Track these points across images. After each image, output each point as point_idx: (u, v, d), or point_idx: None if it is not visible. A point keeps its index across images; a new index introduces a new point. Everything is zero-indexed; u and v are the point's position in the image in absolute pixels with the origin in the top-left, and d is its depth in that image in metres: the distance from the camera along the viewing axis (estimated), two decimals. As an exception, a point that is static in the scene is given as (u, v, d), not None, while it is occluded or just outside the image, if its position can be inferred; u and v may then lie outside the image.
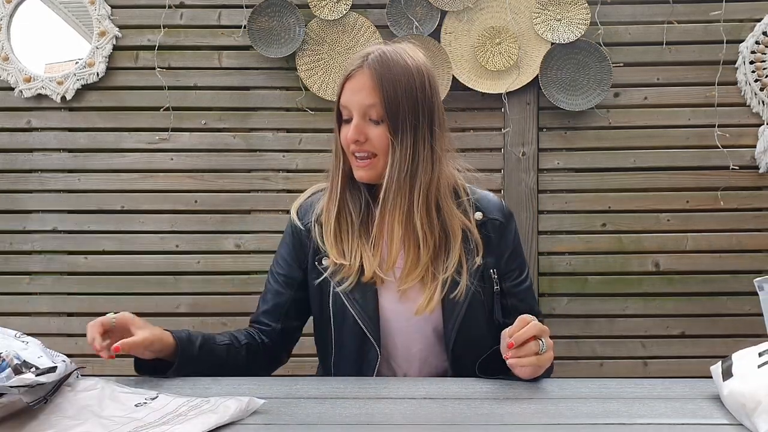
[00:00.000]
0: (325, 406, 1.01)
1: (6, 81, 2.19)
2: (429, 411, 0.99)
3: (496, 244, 1.31)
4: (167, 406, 0.96)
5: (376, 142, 1.24)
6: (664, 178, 2.18)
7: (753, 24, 2.14)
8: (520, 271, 1.34)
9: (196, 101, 2.21)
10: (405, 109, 1.23)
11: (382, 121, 1.23)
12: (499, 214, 1.33)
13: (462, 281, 1.24)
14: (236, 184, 2.21)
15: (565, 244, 2.18)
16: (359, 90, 1.24)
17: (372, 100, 1.23)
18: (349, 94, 1.25)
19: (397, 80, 1.23)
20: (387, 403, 1.02)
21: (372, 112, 1.24)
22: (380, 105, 1.22)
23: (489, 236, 1.31)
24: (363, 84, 1.23)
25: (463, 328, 1.25)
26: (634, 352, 2.18)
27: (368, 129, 1.24)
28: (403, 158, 1.23)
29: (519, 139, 2.18)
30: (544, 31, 2.13)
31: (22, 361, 0.93)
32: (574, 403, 1.01)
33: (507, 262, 1.32)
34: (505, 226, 1.33)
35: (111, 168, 2.22)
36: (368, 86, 1.23)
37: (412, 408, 0.99)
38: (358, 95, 1.23)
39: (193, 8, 2.20)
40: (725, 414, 0.97)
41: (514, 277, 1.32)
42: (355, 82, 1.24)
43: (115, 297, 2.21)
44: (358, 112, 1.24)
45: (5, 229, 2.22)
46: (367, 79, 1.23)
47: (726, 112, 2.16)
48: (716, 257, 2.17)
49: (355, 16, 2.15)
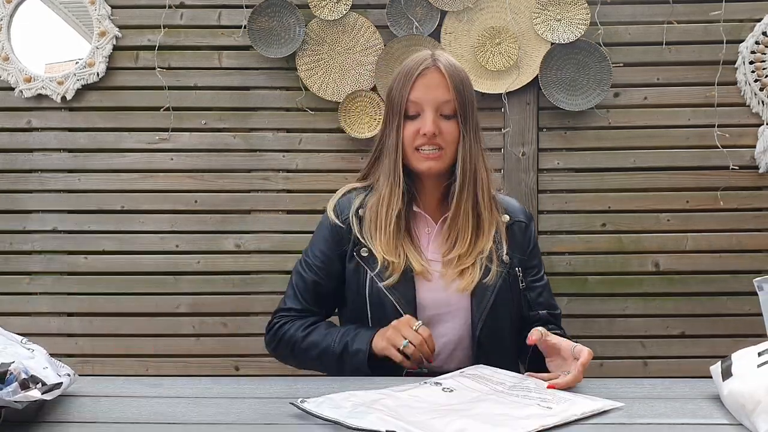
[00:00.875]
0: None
1: (6, 81, 2.19)
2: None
3: (519, 244, 1.43)
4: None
5: (447, 135, 1.35)
6: (664, 178, 2.18)
7: (753, 24, 2.14)
8: (539, 269, 1.46)
9: (196, 101, 2.21)
10: (470, 106, 1.37)
11: (453, 116, 1.35)
12: (522, 216, 1.47)
13: (493, 268, 1.35)
14: (236, 184, 2.22)
15: (565, 244, 2.18)
16: (435, 87, 1.35)
17: (448, 96, 1.35)
18: (424, 90, 1.35)
19: (464, 79, 1.38)
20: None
21: (445, 107, 1.35)
22: (454, 101, 1.34)
23: (515, 237, 1.43)
24: (438, 81, 1.35)
25: (490, 316, 1.33)
26: (634, 352, 2.18)
27: (440, 123, 1.35)
28: (471, 150, 1.36)
29: (519, 139, 2.18)
30: (544, 31, 2.13)
31: (30, 376, 0.92)
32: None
33: (529, 258, 1.44)
34: (528, 227, 1.47)
35: (111, 168, 2.22)
36: (443, 84, 1.35)
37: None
38: (435, 91, 1.34)
39: (193, 8, 2.20)
40: (725, 414, 0.97)
41: (534, 274, 1.44)
42: (429, 80, 1.35)
43: (115, 297, 2.21)
44: (432, 107, 1.34)
45: (5, 229, 2.22)
46: (441, 77, 1.35)
47: (726, 112, 2.16)
48: (716, 257, 2.17)
49: (355, 16, 2.15)
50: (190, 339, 2.21)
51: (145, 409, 1.01)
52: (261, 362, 2.19)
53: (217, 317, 2.20)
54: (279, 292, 2.18)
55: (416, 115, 1.35)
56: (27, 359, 0.96)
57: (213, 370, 2.20)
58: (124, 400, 1.05)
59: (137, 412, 1.00)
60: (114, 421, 0.97)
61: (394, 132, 1.37)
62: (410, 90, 1.35)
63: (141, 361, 2.21)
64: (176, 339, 2.21)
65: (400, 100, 1.36)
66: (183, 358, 2.21)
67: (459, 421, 0.90)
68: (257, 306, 2.20)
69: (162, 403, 1.04)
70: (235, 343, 2.20)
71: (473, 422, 0.89)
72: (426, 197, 1.42)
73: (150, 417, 0.98)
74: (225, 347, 2.21)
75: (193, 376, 2.14)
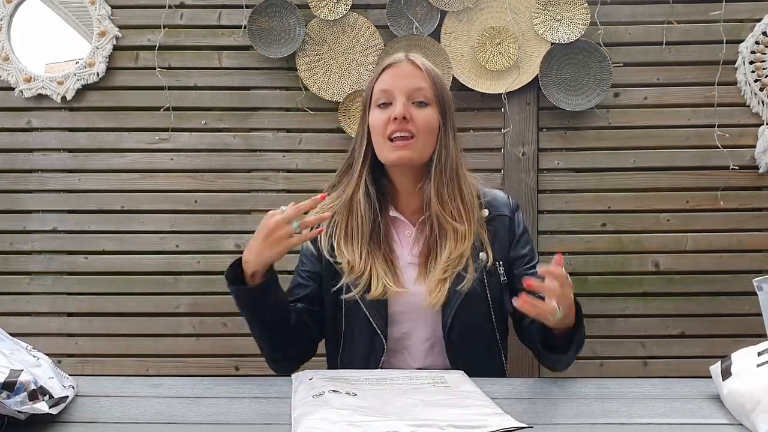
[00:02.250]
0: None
1: (6, 81, 2.19)
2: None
3: (501, 239, 1.36)
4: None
5: (419, 122, 1.30)
6: (664, 178, 2.18)
7: (753, 24, 2.14)
8: (531, 258, 1.39)
9: (196, 101, 2.21)
10: (449, 101, 1.34)
11: (429, 104, 1.31)
12: (506, 209, 1.40)
13: (468, 274, 1.29)
14: (236, 184, 2.21)
15: (565, 244, 2.18)
16: (406, 76, 1.32)
17: (421, 84, 1.31)
18: (394, 79, 1.32)
19: (440, 76, 1.35)
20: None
21: (419, 95, 1.31)
22: (429, 89, 1.31)
23: (496, 231, 1.36)
24: (410, 71, 1.32)
25: (459, 317, 1.28)
26: (634, 352, 2.18)
27: (412, 110, 1.30)
28: (449, 146, 1.32)
29: (519, 139, 2.18)
30: (544, 31, 2.13)
31: (39, 387, 0.91)
32: (574, 403, 1.01)
33: (515, 249, 1.38)
34: (512, 220, 1.40)
35: (111, 168, 2.22)
36: (416, 73, 1.32)
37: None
38: (406, 80, 1.31)
39: (193, 8, 2.20)
40: (725, 414, 0.97)
41: (525, 262, 1.37)
42: (401, 70, 1.33)
43: (115, 297, 2.21)
44: (404, 94, 1.30)
45: (5, 229, 2.22)
46: (414, 67, 1.32)
47: (726, 112, 2.16)
48: (716, 257, 2.17)
49: (355, 17, 2.15)
50: (189, 339, 2.21)
51: (145, 409, 1.01)
52: (261, 362, 2.16)
53: (217, 317, 2.20)
54: (279, 292, 2.20)
55: (387, 104, 1.31)
56: (33, 367, 0.95)
57: (213, 370, 2.19)
58: (124, 400, 1.05)
59: (137, 412, 1.00)
60: (114, 421, 0.97)
61: (361, 127, 1.34)
62: (378, 79, 1.33)
63: (141, 361, 2.21)
64: (176, 339, 2.21)
65: (369, 93, 1.33)
66: (183, 358, 2.21)
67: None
68: (257, 306, 2.20)
69: (162, 403, 1.04)
70: (235, 343, 2.20)
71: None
72: (403, 199, 1.36)
73: (150, 417, 0.98)
74: (225, 347, 2.20)
75: (193, 376, 2.14)
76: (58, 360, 2.16)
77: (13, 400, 0.87)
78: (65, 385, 1.01)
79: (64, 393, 0.97)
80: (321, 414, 0.90)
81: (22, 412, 0.88)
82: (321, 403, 0.94)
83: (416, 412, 0.93)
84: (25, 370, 0.91)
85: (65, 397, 0.97)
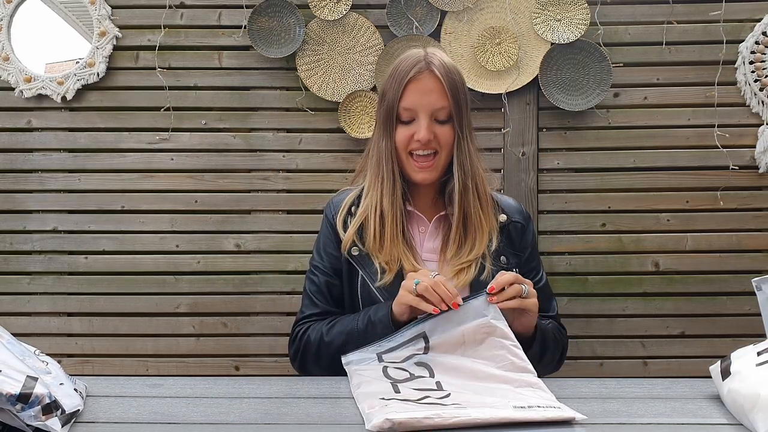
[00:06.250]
0: (325, 405, 1.01)
1: (6, 81, 2.19)
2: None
3: (516, 245, 1.42)
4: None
5: (442, 139, 1.34)
6: (664, 178, 2.18)
7: (753, 24, 2.14)
8: (537, 271, 1.44)
9: (196, 101, 2.21)
10: (465, 108, 1.37)
11: (448, 120, 1.35)
12: (519, 216, 1.45)
13: (488, 266, 1.35)
14: (236, 184, 2.22)
15: (565, 244, 2.18)
16: (430, 92, 1.33)
17: (443, 102, 1.33)
18: (418, 96, 1.33)
19: (458, 81, 1.36)
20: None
21: (441, 113, 1.34)
22: (449, 107, 1.33)
23: (511, 237, 1.41)
24: (432, 86, 1.33)
25: None
26: (634, 352, 2.18)
27: (435, 128, 1.34)
28: (468, 151, 1.36)
29: (519, 139, 2.18)
30: (544, 31, 2.13)
31: (53, 401, 0.90)
32: (574, 403, 1.01)
33: (527, 261, 1.43)
34: (525, 228, 1.45)
35: (111, 168, 2.22)
36: (438, 89, 1.33)
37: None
38: (429, 97, 1.33)
39: (193, 8, 2.20)
40: (725, 414, 0.97)
41: (531, 276, 1.40)
42: (423, 84, 1.33)
43: (115, 297, 2.21)
44: (427, 113, 1.33)
45: (5, 229, 2.22)
46: (435, 82, 1.33)
47: (726, 112, 2.16)
48: (716, 257, 2.17)
49: (355, 17, 2.15)
50: (190, 339, 2.21)
51: (145, 409, 1.01)
52: (261, 362, 2.19)
53: (217, 317, 2.20)
54: (279, 292, 2.20)
55: (410, 120, 1.35)
56: (44, 374, 0.94)
57: (213, 370, 2.20)
58: (124, 400, 1.05)
59: (137, 412, 1.00)
60: (114, 421, 0.97)
61: (387, 137, 1.37)
62: (403, 95, 1.34)
63: (141, 361, 2.21)
64: (176, 339, 2.21)
65: (393, 105, 1.35)
66: (183, 358, 2.21)
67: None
68: (257, 306, 2.20)
69: (162, 403, 1.04)
70: (235, 343, 2.20)
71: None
72: (420, 196, 1.42)
73: (150, 417, 0.98)
74: (225, 347, 2.21)
75: (193, 376, 2.14)
76: (59, 360, 2.16)
77: (27, 414, 0.85)
78: (78, 388, 1.00)
79: (74, 406, 0.95)
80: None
81: (31, 426, 0.86)
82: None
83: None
84: (40, 380, 0.90)
85: (76, 411, 0.95)
